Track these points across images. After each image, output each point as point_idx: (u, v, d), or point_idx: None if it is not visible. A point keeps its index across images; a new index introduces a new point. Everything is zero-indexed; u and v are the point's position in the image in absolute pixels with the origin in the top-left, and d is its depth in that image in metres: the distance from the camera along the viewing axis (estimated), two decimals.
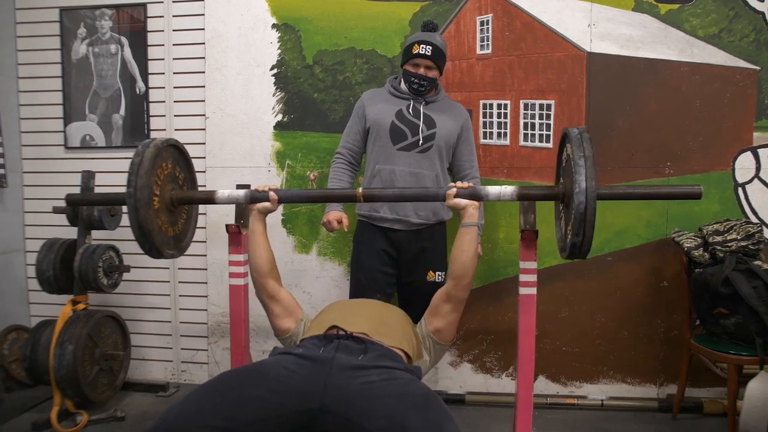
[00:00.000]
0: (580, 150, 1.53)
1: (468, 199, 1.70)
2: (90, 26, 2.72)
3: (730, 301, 2.15)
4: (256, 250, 1.84)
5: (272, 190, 1.80)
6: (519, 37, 2.50)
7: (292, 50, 2.61)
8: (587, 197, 1.48)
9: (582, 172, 1.50)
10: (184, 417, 1.23)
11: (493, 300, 2.59)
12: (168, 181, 1.79)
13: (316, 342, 1.45)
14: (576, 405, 2.57)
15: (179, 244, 1.87)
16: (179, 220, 1.88)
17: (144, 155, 1.65)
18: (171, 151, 1.82)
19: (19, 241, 2.86)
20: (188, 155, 1.94)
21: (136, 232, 1.64)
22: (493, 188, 1.74)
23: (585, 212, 1.49)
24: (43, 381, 2.37)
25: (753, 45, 2.42)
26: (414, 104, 2.20)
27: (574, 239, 1.54)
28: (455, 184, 1.74)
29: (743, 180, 2.48)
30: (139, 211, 1.61)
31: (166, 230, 1.77)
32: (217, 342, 2.74)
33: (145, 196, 1.62)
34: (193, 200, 1.88)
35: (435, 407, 1.27)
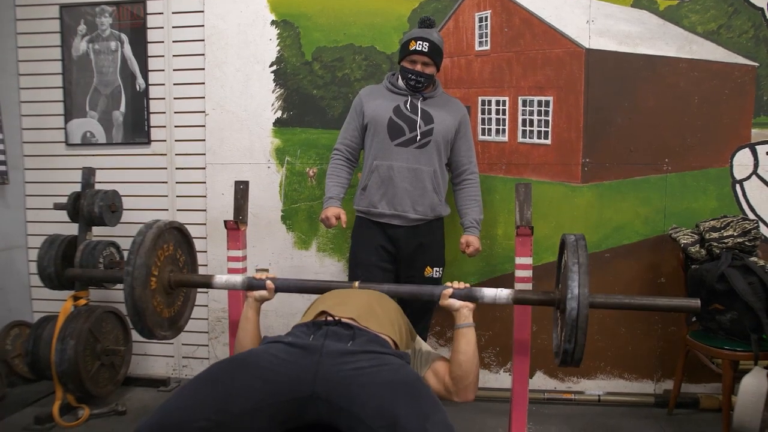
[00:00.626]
0: (574, 257, 1.52)
1: (463, 301, 1.67)
2: (90, 23, 2.73)
3: (725, 297, 2.16)
4: (245, 338, 1.75)
5: (269, 278, 1.77)
6: (517, 33, 2.50)
7: (291, 47, 2.62)
8: (579, 304, 1.46)
9: (575, 278, 1.48)
10: (177, 412, 1.23)
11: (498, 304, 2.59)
12: (168, 263, 1.79)
13: (305, 329, 1.46)
14: (573, 400, 2.59)
15: (174, 326, 1.86)
16: (176, 302, 1.88)
17: (146, 235, 1.67)
18: (174, 233, 1.84)
19: (21, 238, 2.88)
20: (191, 238, 1.95)
21: (130, 310, 1.64)
22: (489, 291, 1.71)
23: (577, 319, 1.46)
24: (45, 376, 2.40)
25: (752, 41, 2.42)
26: (412, 100, 2.21)
27: (566, 346, 1.51)
28: (451, 284, 1.71)
29: (741, 177, 2.48)
30: (135, 290, 1.61)
31: (161, 311, 1.77)
32: (217, 337, 2.76)
33: (142, 275, 1.62)
34: (191, 283, 1.87)
35: (424, 396, 1.28)
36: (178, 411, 1.23)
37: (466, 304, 1.67)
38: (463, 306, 1.66)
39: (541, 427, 2.37)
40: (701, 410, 2.49)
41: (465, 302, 1.67)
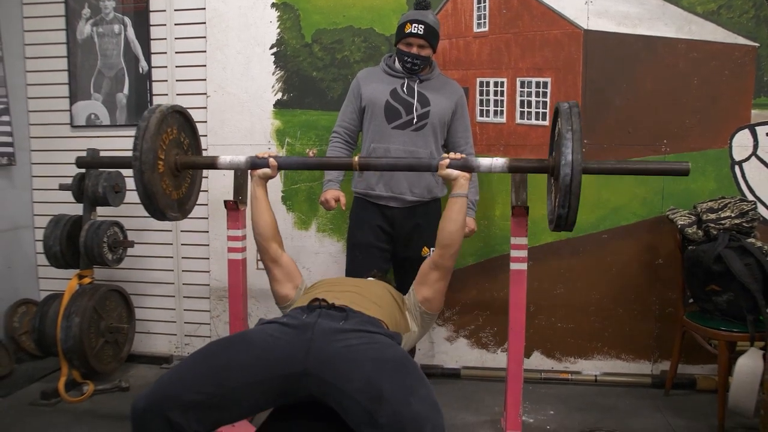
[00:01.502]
0: (568, 124, 1.55)
1: (460, 170, 1.74)
2: (94, 6, 2.77)
3: (722, 278, 2.16)
4: (259, 215, 1.89)
5: (272, 156, 1.87)
6: (516, 14, 2.51)
7: (291, 29, 2.64)
8: (573, 170, 1.51)
9: (569, 145, 1.52)
10: (172, 385, 1.27)
11: (488, 276, 2.62)
12: (173, 146, 1.85)
13: (299, 312, 1.49)
14: (570, 380, 2.61)
15: (183, 207, 1.94)
16: (183, 185, 1.94)
17: (150, 120, 1.71)
18: (176, 117, 1.87)
19: (27, 218, 2.94)
20: (193, 121, 1.99)
21: (141, 194, 1.71)
22: (485, 160, 1.78)
23: (570, 184, 1.52)
24: (51, 352, 2.46)
25: (752, 21, 2.41)
26: (408, 83, 2.22)
27: (560, 211, 1.57)
28: (448, 155, 1.78)
29: (740, 158, 2.48)
30: (144, 174, 1.67)
31: (170, 193, 1.83)
32: (219, 316, 2.81)
33: (150, 159, 1.68)
34: (197, 165, 1.94)
35: (411, 371, 1.31)
36: (173, 384, 1.27)
37: (463, 174, 1.75)
38: (460, 175, 1.74)
39: (538, 407, 2.39)
40: (698, 391, 2.50)
41: (461, 172, 1.74)
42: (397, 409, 1.18)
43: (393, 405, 1.19)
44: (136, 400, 1.25)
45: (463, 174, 1.75)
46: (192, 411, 1.25)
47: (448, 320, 2.69)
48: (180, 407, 1.24)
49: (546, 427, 2.23)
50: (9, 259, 2.84)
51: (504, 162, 1.77)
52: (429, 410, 1.21)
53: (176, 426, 1.23)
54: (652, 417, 2.29)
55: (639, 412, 2.33)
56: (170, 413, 1.22)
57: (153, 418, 1.23)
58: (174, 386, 1.27)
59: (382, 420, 1.18)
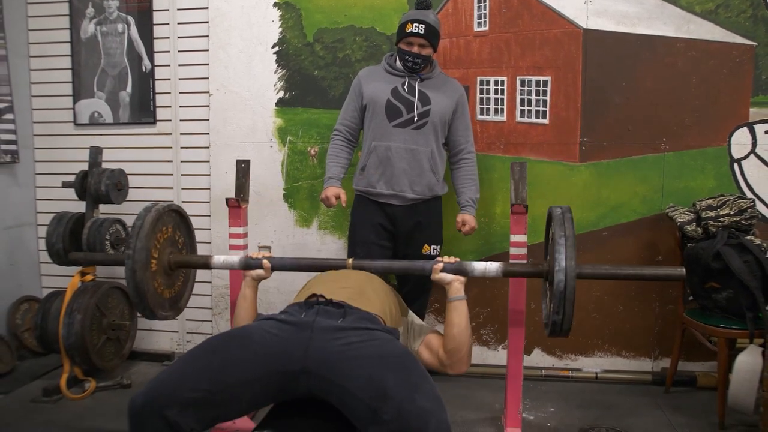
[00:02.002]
0: (561, 229, 1.54)
1: (454, 274, 1.70)
2: (98, 6, 2.80)
3: (721, 275, 2.17)
4: (242, 316, 1.81)
5: (266, 258, 1.81)
6: (516, 14, 2.53)
7: (293, 28, 2.66)
8: (567, 276, 1.49)
9: (562, 251, 1.50)
10: (170, 382, 1.27)
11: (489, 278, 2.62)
12: (167, 245, 1.84)
13: (297, 308, 1.48)
14: (571, 377, 2.61)
15: (175, 306, 1.92)
16: (176, 283, 1.93)
17: (145, 219, 1.72)
18: (172, 216, 1.89)
19: (31, 215, 2.96)
20: (189, 220, 1.99)
21: (132, 292, 1.69)
22: (479, 264, 1.73)
23: (565, 291, 1.49)
24: (53, 349, 2.47)
25: (750, 21, 2.43)
26: (409, 81, 2.24)
27: (555, 317, 1.54)
28: (442, 258, 1.74)
29: (739, 156, 2.49)
30: (137, 273, 1.66)
31: (162, 292, 1.82)
32: (220, 313, 2.82)
33: (142, 258, 1.67)
34: (190, 264, 1.93)
35: (413, 367, 1.31)
36: (170, 382, 1.27)
37: (457, 278, 1.70)
38: (454, 279, 1.69)
39: (538, 403, 2.39)
40: (698, 388, 2.50)
41: (456, 276, 1.70)
42: (402, 406, 1.18)
43: (397, 401, 1.19)
44: (134, 398, 1.25)
45: (458, 278, 1.70)
46: (189, 408, 1.24)
47: None
48: (177, 405, 1.23)
49: (546, 425, 2.23)
50: (12, 256, 2.85)
51: (498, 267, 1.72)
52: (433, 405, 1.21)
53: (173, 424, 1.22)
54: (653, 414, 2.29)
55: (639, 410, 2.33)
56: (167, 411, 1.22)
57: (150, 415, 1.22)
58: (171, 384, 1.27)
59: (386, 417, 1.18)
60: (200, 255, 2.03)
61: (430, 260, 1.78)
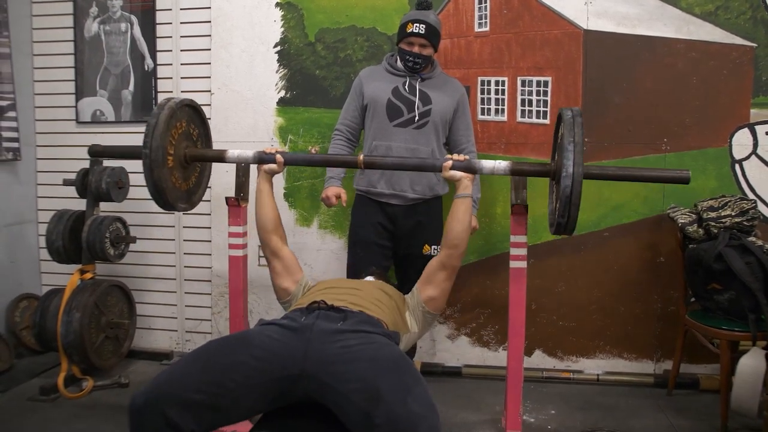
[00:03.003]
0: (570, 134, 1.56)
1: (463, 172, 1.77)
2: (102, 5, 2.82)
3: (723, 276, 2.16)
4: (262, 209, 1.92)
5: (279, 152, 1.91)
6: (516, 15, 2.54)
7: (294, 28, 2.68)
8: (573, 181, 1.53)
9: (570, 156, 1.53)
10: (171, 384, 1.27)
11: (490, 274, 2.62)
12: (182, 139, 1.87)
13: (298, 314, 1.49)
14: (572, 379, 2.59)
15: (191, 198, 1.97)
16: (192, 175, 1.97)
17: (159, 117, 1.74)
18: (185, 111, 1.91)
19: (32, 212, 2.96)
20: (203, 112, 2.02)
21: (151, 189, 1.74)
22: (488, 162, 1.81)
23: (570, 195, 1.54)
24: (51, 347, 2.46)
25: (749, 22, 2.44)
26: (410, 81, 2.25)
27: (560, 219, 1.61)
28: (451, 156, 1.81)
29: (740, 156, 2.49)
30: (154, 171, 1.70)
31: (179, 185, 1.86)
32: (220, 312, 2.81)
33: (159, 156, 1.71)
34: (205, 158, 1.97)
35: (406, 370, 1.30)
36: (172, 382, 1.27)
37: (467, 175, 1.78)
38: (463, 176, 1.77)
39: (539, 405, 2.37)
40: (701, 391, 2.48)
41: (465, 173, 1.77)
42: (393, 409, 1.18)
43: (389, 405, 1.19)
44: (135, 397, 1.25)
45: (467, 175, 1.78)
46: (190, 409, 1.24)
47: (450, 318, 2.68)
48: (178, 405, 1.23)
49: (547, 427, 2.21)
50: (12, 254, 2.85)
51: (507, 165, 1.78)
52: (425, 409, 1.20)
53: (173, 424, 1.22)
54: (655, 417, 2.27)
55: (641, 412, 2.31)
56: (168, 411, 1.21)
57: (151, 415, 1.22)
58: (173, 384, 1.26)
59: (378, 420, 1.18)
60: (215, 149, 2.08)
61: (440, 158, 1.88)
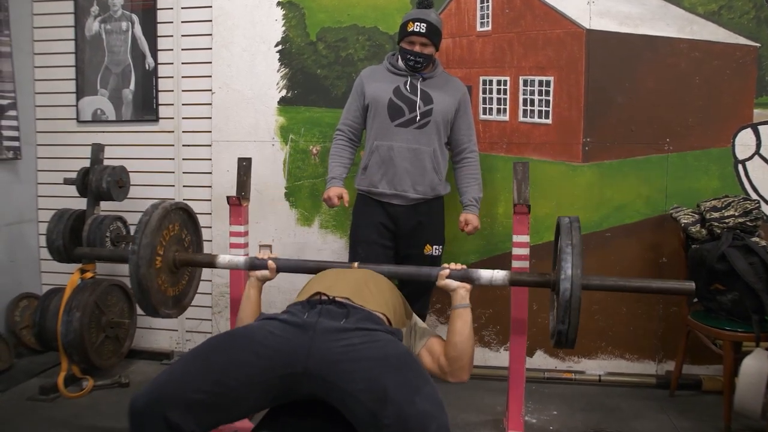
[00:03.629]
0: (568, 238, 1.53)
1: (459, 282, 1.69)
2: (103, 4, 2.82)
3: (726, 277, 2.15)
4: (246, 314, 1.79)
5: (271, 258, 1.81)
6: (519, 14, 2.53)
7: (296, 27, 2.67)
8: (572, 285, 1.46)
9: (569, 260, 1.49)
10: (171, 383, 1.25)
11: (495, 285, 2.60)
12: (173, 243, 1.83)
13: (300, 308, 1.46)
14: (573, 380, 2.58)
15: (179, 304, 1.91)
16: (181, 281, 1.92)
17: (152, 216, 1.71)
18: (180, 214, 1.88)
19: (32, 211, 2.95)
20: (196, 219, 1.98)
21: (135, 288, 1.67)
22: (485, 273, 1.71)
23: (570, 300, 1.46)
24: (51, 347, 2.45)
25: (753, 22, 2.43)
26: (411, 81, 2.24)
27: (560, 327, 1.50)
28: (448, 266, 1.73)
29: (743, 157, 2.48)
30: (140, 269, 1.64)
31: (166, 290, 1.80)
32: (220, 312, 2.80)
33: (147, 254, 1.66)
34: (195, 263, 1.91)
35: (414, 369, 1.29)
36: (171, 383, 1.25)
37: (463, 285, 1.68)
38: (459, 287, 1.67)
39: (541, 406, 2.36)
40: (704, 392, 2.47)
41: (462, 283, 1.68)
42: (402, 409, 1.17)
43: (397, 405, 1.17)
44: (134, 399, 1.23)
45: (464, 285, 1.68)
46: (191, 410, 1.23)
47: None
48: (179, 406, 1.22)
49: (549, 428, 2.20)
50: (13, 253, 2.84)
51: (505, 275, 1.71)
52: (433, 408, 1.19)
53: (174, 425, 1.20)
54: (657, 418, 2.26)
55: (643, 413, 2.30)
56: (169, 413, 1.20)
57: (151, 417, 1.20)
58: (173, 385, 1.25)
59: (386, 421, 1.16)
60: (205, 254, 2.02)
61: (436, 267, 1.76)
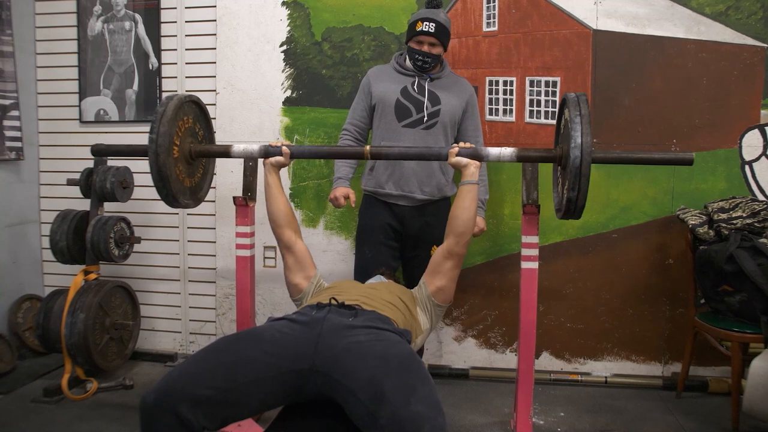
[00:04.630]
0: (576, 110, 1.60)
1: (469, 159, 1.79)
2: (105, 4, 2.80)
3: (734, 278, 2.16)
4: (273, 202, 1.92)
5: (285, 145, 1.91)
6: (525, 14, 2.52)
7: (301, 27, 2.66)
8: (582, 152, 1.55)
9: (578, 129, 1.57)
10: (182, 379, 1.27)
11: (497, 276, 2.61)
12: (188, 135, 1.88)
13: (309, 309, 1.49)
14: (580, 381, 2.58)
15: (195, 196, 1.97)
16: (196, 173, 1.97)
17: (168, 106, 1.76)
18: (192, 107, 1.91)
19: (34, 212, 2.94)
20: (208, 113, 2.02)
21: (155, 176, 1.73)
22: (494, 149, 1.83)
23: (580, 166, 1.55)
24: (55, 348, 2.44)
25: (761, 22, 2.42)
26: (419, 81, 2.23)
27: (570, 194, 1.60)
28: (458, 144, 1.83)
29: (750, 158, 2.48)
30: (160, 157, 1.70)
31: (183, 180, 1.86)
32: (224, 314, 2.79)
33: (166, 142, 1.71)
34: (211, 153, 1.97)
35: (414, 370, 1.30)
36: (183, 379, 1.27)
37: (473, 162, 1.79)
38: (470, 163, 1.78)
39: (547, 408, 2.36)
40: (710, 394, 2.47)
41: (471, 160, 1.78)
42: (397, 410, 1.18)
43: (393, 406, 1.19)
44: (146, 394, 1.25)
45: (473, 162, 1.79)
46: (201, 406, 1.24)
47: (457, 320, 2.66)
48: (189, 402, 1.23)
49: (557, 429, 2.20)
50: (15, 254, 2.83)
51: (512, 151, 1.82)
52: (428, 410, 1.19)
53: (185, 421, 1.22)
54: (664, 420, 2.26)
55: (650, 415, 2.30)
56: (179, 408, 1.22)
57: (162, 412, 1.22)
58: (184, 381, 1.27)
59: (382, 421, 1.18)
60: (220, 144, 2.07)
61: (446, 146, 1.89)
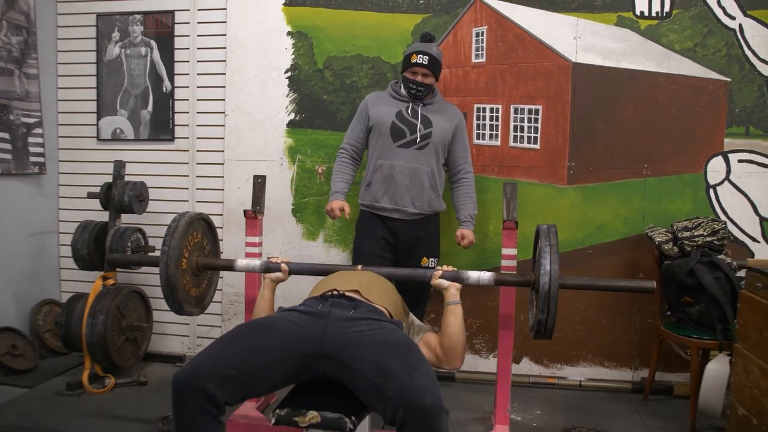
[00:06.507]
0: (546, 240, 1.76)
1: (451, 281, 1.88)
2: (123, 30, 2.98)
3: (694, 290, 2.33)
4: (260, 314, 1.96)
5: (284, 262, 2.03)
6: (511, 47, 2.73)
7: (304, 56, 2.85)
8: (551, 278, 1.69)
9: (547, 257, 1.72)
10: (208, 361, 1.49)
11: (482, 287, 2.74)
12: (196, 248, 2.05)
13: (314, 301, 1.71)
14: (556, 385, 2.78)
15: (200, 304, 2.13)
16: (202, 284, 2.13)
17: (180, 222, 1.93)
18: (202, 224, 2.10)
19: (53, 223, 3.12)
20: (215, 229, 2.19)
21: (164, 285, 1.88)
22: (473, 273, 1.92)
23: (549, 291, 1.68)
24: (75, 347, 2.62)
25: (725, 59, 2.63)
26: (413, 106, 2.41)
27: (540, 316, 1.72)
28: (441, 267, 1.94)
29: (714, 182, 2.68)
30: (169, 267, 1.86)
31: (189, 290, 2.02)
32: (230, 319, 2.99)
33: (176, 255, 1.88)
34: (216, 266, 2.13)
35: (413, 353, 1.53)
36: (208, 360, 1.50)
37: (454, 284, 1.89)
38: (451, 285, 1.89)
39: (525, 407, 2.55)
40: (675, 396, 2.66)
41: (453, 282, 1.90)
42: (403, 384, 1.39)
43: (399, 381, 1.40)
44: (177, 374, 1.46)
45: (454, 284, 1.88)
46: (225, 384, 1.46)
47: None
48: (215, 379, 1.44)
49: (532, 425, 2.39)
50: (35, 262, 3.01)
51: (490, 276, 1.91)
52: (428, 384, 1.41)
53: (211, 396, 1.43)
54: (631, 418, 2.46)
55: (619, 414, 2.50)
56: (206, 385, 1.43)
57: (191, 389, 1.43)
58: (209, 362, 1.48)
59: (389, 393, 1.39)
60: (225, 258, 2.22)
61: (430, 269, 1.98)
